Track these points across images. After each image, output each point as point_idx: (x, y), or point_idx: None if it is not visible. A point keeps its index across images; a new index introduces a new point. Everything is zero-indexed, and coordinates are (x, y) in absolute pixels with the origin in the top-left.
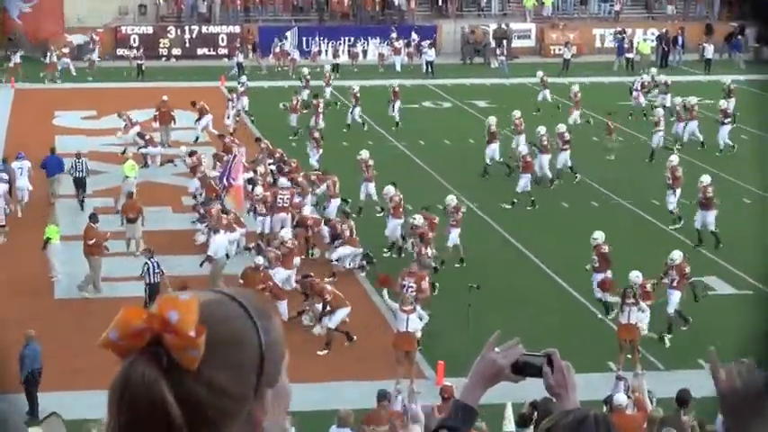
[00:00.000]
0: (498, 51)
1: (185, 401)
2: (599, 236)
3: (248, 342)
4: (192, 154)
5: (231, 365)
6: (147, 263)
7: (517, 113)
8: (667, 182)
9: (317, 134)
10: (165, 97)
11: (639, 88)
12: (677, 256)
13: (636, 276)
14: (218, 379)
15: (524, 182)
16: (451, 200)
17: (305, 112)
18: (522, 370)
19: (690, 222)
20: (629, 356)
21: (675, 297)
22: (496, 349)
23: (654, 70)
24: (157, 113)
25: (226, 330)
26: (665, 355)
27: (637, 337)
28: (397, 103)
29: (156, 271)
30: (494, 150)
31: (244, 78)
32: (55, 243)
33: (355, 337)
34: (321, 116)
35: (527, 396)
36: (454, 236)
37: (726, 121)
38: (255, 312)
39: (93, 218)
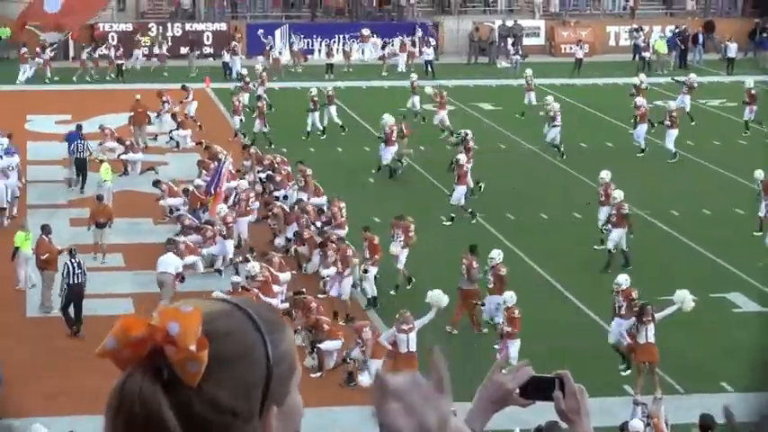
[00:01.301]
0: (512, 50)
1: (185, 418)
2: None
3: (254, 357)
4: (157, 183)
5: (235, 381)
6: (66, 263)
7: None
8: (600, 198)
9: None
10: (138, 96)
11: (636, 92)
12: (623, 280)
13: (624, 279)
14: (220, 395)
15: (458, 195)
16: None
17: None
18: (531, 394)
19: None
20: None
21: (621, 328)
22: (504, 371)
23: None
24: (132, 114)
25: (231, 344)
26: (686, 377)
27: (656, 359)
28: (333, 108)
29: (78, 271)
30: (391, 152)
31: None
32: (24, 251)
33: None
34: (265, 119)
35: (537, 422)
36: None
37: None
38: (264, 324)
39: (46, 229)
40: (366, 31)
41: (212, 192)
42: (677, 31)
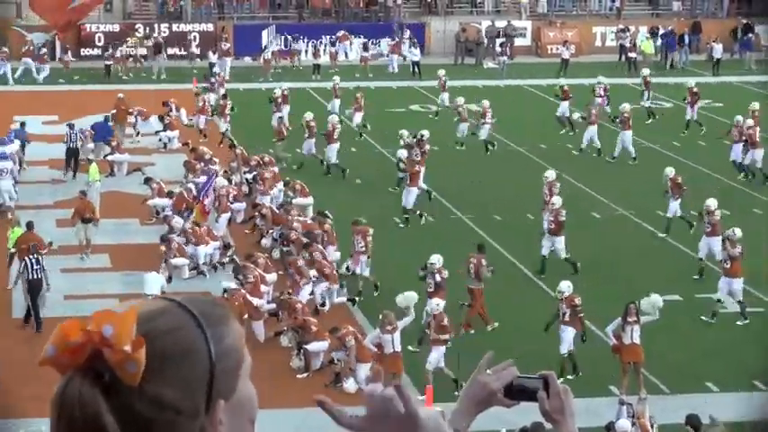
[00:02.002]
0: (500, 50)
1: (127, 419)
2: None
3: (196, 353)
4: (148, 180)
5: (177, 379)
6: (25, 259)
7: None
8: (545, 198)
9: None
10: (120, 95)
11: (603, 93)
12: (566, 287)
13: (567, 286)
14: (163, 393)
15: (410, 197)
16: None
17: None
18: (515, 394)
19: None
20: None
21: (568, 335)
22: (488, 371)
23: (646, 71)
24: (113, 112)
25: (170, 342)
26: (671, 377)
27: (641, 359)
28: (286, 109)
29: (36, 267)
30: (334, 150)
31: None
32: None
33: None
34: (228, 119)
35: (522, 422)
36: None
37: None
38: (205, 319)
39: (29, 225)
40: (341, 33)
41: (200, 199)
42: (662, 32)
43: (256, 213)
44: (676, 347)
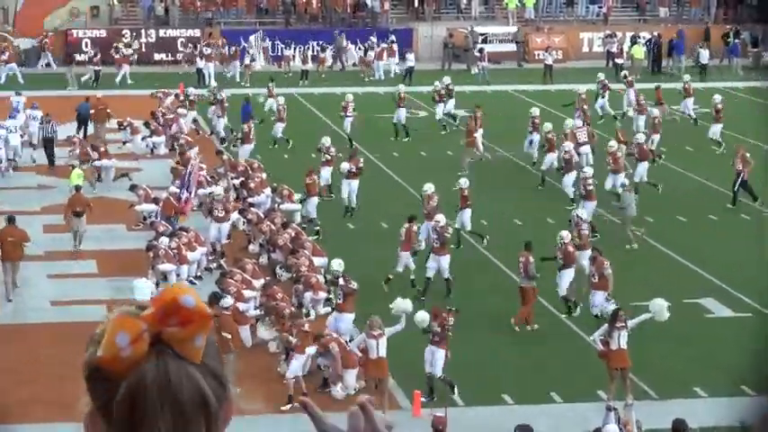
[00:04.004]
0: (479, 56)
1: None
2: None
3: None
4: (134, 187)
5: (215, 354)
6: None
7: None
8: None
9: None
10: (98, 94)
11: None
12: (566, 235)
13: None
14: (216, 367)
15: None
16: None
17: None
18: None
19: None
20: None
21: (565, 278)
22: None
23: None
24: (93, 111)
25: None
26: (659, 383)
27: (628, 365)
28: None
29: None
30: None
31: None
32: None
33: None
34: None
35: (508, 429)
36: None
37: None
38: None
39: (11, 220)
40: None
41: (183, 196)
42: (649, 38)
43: (241, 217)
44: (664, 353)
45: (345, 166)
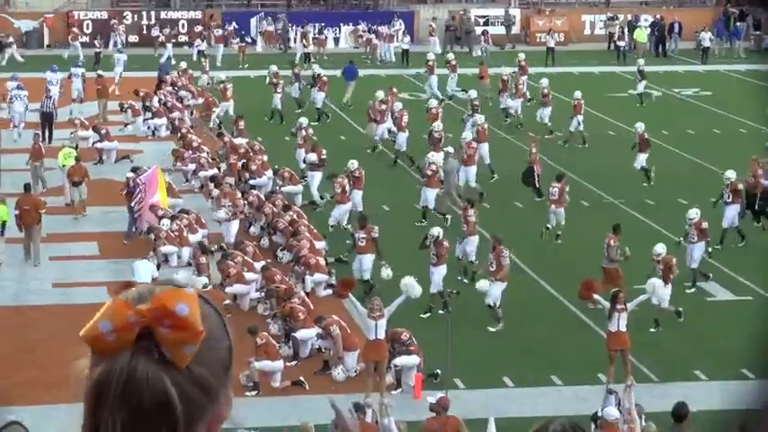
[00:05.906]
0: (482, 38)
1: (180, 398)
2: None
3: (223, 339)
4: (136, 170)
5: (212, 362)
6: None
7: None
8: None
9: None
10: (100, 72)
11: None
12: (661, 248)
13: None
14: (204, 376)
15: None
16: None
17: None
18: None
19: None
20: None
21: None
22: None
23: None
24: (99, 88)
25: (214, 324)
26: (659, 366)
27: (628, 347)
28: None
29: None
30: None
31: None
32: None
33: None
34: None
35: (508, 412)
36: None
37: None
38: (219, 310)
39: (27, 187)
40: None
41: (143, 203)
42: (652, 21)
43: (244, 201)
44: (665, 336)
45: (311, 157)
